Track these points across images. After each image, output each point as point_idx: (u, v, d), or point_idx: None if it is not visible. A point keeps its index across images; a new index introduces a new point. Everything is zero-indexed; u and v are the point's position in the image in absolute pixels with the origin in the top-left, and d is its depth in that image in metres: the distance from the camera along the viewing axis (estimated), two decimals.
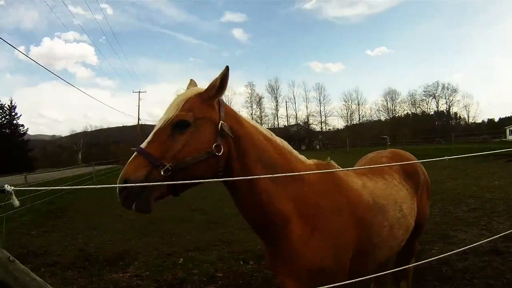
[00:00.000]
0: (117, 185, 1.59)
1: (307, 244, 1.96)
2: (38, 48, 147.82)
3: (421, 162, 2.80)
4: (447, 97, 74.12)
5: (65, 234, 8.05)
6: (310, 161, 2.27)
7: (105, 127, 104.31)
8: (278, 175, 1.88)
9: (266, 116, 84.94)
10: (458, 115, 75.70)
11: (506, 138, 61.09)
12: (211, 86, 1.86)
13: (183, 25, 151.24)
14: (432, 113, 77.09)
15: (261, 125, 2.17)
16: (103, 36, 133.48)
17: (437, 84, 75.19)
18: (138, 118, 61.77)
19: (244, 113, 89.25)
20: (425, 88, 76.63)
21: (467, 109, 72.86)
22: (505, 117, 75.75)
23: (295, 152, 2.20)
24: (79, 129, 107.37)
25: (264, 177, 1.89)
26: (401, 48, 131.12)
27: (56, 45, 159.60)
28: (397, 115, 79.40)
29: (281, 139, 2.17)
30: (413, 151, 3.97)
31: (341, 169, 2.31)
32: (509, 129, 65.74)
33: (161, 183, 1.63)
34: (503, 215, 7.04)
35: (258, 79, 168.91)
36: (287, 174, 1.90)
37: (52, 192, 13.73)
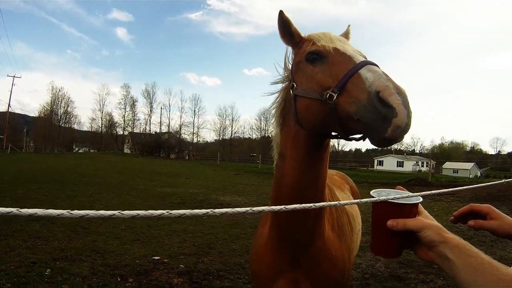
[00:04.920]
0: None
1: None
2: None
3: None
4: None
5: None
6: None
7: None
8: None
9: (138, 120, 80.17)
10: None
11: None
12: None
13: (68, 15, 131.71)
14: None
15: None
16: None
17: None
18: (9, 105, 57.73)
19: (116, 114, 78.56)
20: None
21: None
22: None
23: None
24: None
25: None
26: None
27: None
28: (267, 135, 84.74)
29: None
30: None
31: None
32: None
33: None
34: None
35: (135, 82, 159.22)
36: None
37: None
